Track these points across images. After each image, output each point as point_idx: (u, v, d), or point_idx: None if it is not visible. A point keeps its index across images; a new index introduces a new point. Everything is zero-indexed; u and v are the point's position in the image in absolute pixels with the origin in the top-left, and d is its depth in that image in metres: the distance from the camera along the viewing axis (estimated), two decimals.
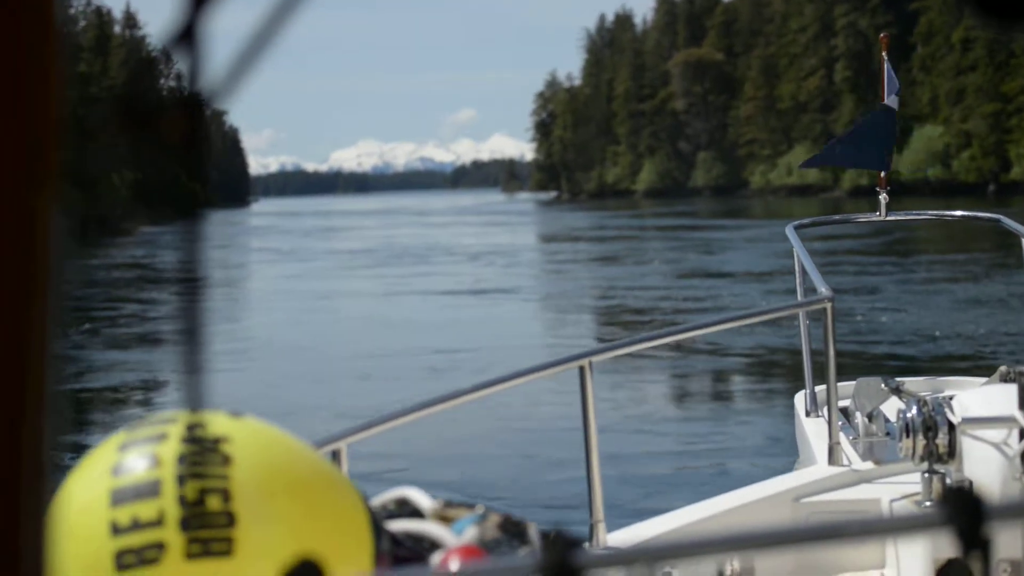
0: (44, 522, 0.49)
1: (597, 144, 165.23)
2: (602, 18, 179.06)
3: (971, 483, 3.82)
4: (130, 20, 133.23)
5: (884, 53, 6.26)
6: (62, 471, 1.12)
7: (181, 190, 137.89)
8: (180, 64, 0.60)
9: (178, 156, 0.61)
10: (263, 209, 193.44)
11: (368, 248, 54.70)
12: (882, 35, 6.60)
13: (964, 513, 0.87)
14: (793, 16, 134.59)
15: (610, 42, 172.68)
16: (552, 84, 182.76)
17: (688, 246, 46.28)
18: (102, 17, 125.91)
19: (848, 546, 3.65)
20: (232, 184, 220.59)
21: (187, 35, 0.59)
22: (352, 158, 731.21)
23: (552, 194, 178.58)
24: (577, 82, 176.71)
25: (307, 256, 50.61)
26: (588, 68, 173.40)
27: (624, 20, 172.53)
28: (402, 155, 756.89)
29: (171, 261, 48.16)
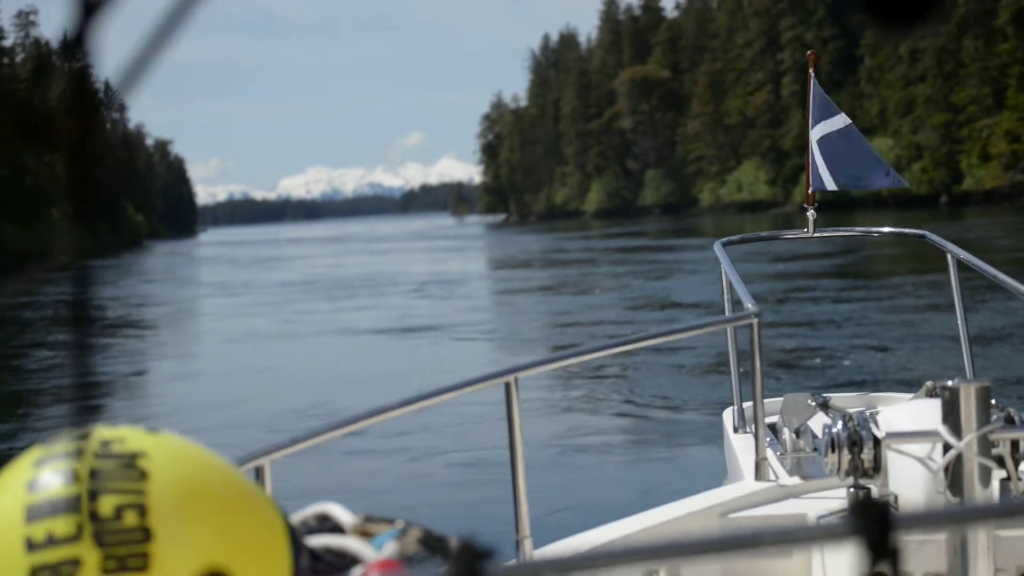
0: None
1: (545, 165, 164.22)
2: (546, 38, 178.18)
3: (896, 497, 3.87)
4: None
5: (811, 70, 6.16)
6: None
7: (125, 223, 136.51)
8: (71, 71, 0.60)
9: (72, 161, 0.61)
10: (211, 239, 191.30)
11: (312, 279, 52.87)
12: (809, 52, 6.40)
13: (872, 523, 0.89)
14: (738, 31, 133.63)
15: (555, 62, 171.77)
16: (498, 106, 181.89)
17: (638, 272, 44.40)
18: None
19: (773, 559, 4.25)
20: (179, 214, 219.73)
21: (78, 43, 0.59)
22: (301, 185, 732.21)
23: (501, 216, 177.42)
24: (523, 103, 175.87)
25: (248, 289, 48.56)
26: (534, 88, 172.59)
27: (569, 39, 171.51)
28: (351, 181, 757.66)
29: (102, 296, 46.91)
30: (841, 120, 6.13)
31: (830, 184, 6.15)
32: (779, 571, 4.41)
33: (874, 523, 0.89)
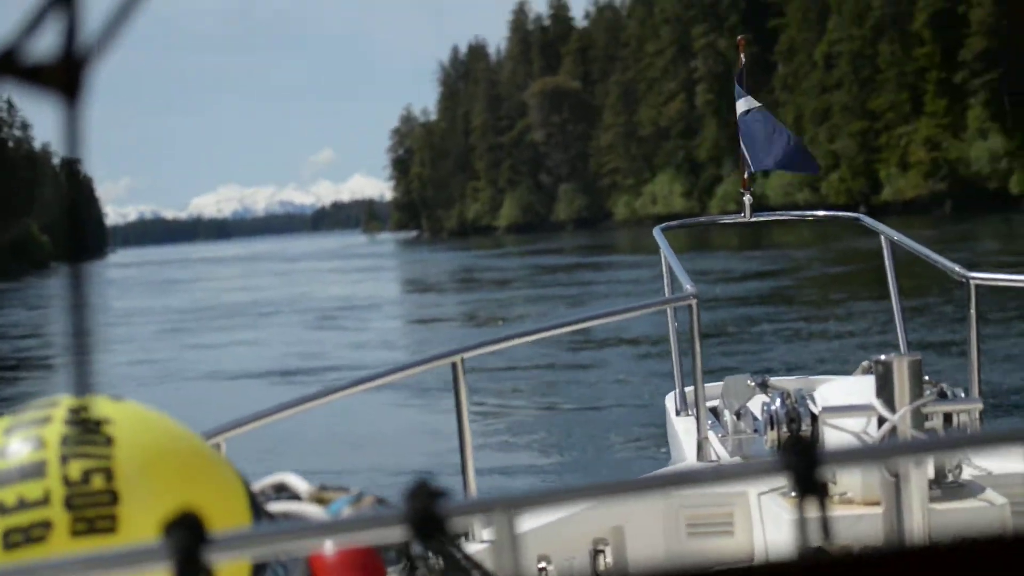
0: None
1: (456, 180, 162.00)
2: (455, 50, 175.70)
3: (834, 472, 3.76)
4: None
5: (741, 54, 6.76)
6: None
7: (28, 244, 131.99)
8: (59, 21, 0.62)
9: (62, 106, 0.63)
10: (120, 260, 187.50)
11: (214, 304, 50.05)
12: (739, 37, 7.12)
13: (800, 458, 0.93)
14: (649, 39, 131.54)
15: (464, 74, 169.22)
16: (408, 120, 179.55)
17: (553, 296, 41.61)
18: None
19: (718, 537, 4.64)
20: (88, 235, 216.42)
21: None
22: (212, 204, 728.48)
23: (413, 233, 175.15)
24: (433, 117, 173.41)
25: (145, 316, 45.85)
26: (443, 102, 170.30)
27: (477, 51, 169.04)
28: (262, 199, 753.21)
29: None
30: (753, 102, 6.53)
31: (764, 165, 6.55)
32: (723, 548, 4.57)
33: (802, 458, 0.93)
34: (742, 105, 6.57)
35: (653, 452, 12.14)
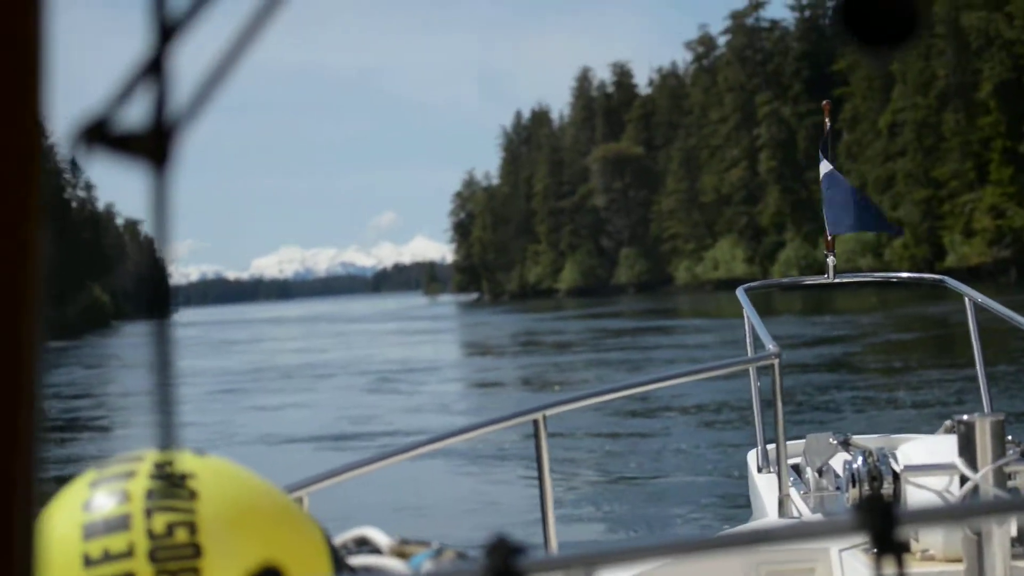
0: (34, 542, 0.52)
1: (517, 243, 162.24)
2: (518, 115, 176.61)
3: (916, 531, 3.64)
4: None
5: (827, 119, 6.78)
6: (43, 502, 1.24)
7: (90, 302, 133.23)
8: (149, 92, 0.65)
9: (151, 174, 0.65)
10: (183, 319, 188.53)
11: (274, 365, 50.31)
12: (825, 102, 6.97)
13: (877, 517, 0.93)
14: (712, 107, 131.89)
15: (527, 139, 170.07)
16: (470, 184, 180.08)
17: (615, 361, 41.48)
18: None
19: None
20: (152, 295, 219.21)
21: (156, 65, 0.64)
22: (273, 265, 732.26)
23: (473, 295, 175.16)
24: (495, 181, 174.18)
25: (203, 376, 45.70)
26: (506, 166, 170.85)
27: (541, 116, 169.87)
28: (323, 260, 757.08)
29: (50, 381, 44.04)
30: (827, 166, 6.78)
31: (845, 228, 6.63)
32: None
33: (880, 516, 0.93)
34: (824, 168, 6.72)
35: (734, 508, 12.17)
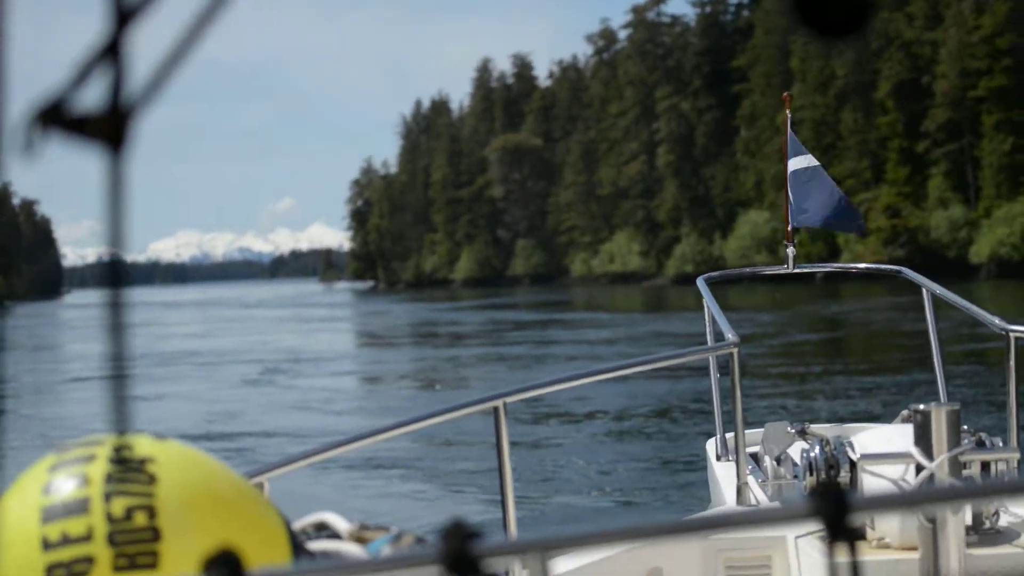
0: None
1: (414, 232, 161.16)
2: (418, 104, 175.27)
3: (872, 518, 3.92)
4: None
5: (788, 111, 6.83)
6: None
7: None
8: (106, 75, 0.64)
9: (106, 156, 0.65)
10: (76, 301, 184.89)
11: (164, 350, 48.27)
12: (785, 94, 7.02)
13: (831, 503, 0.94)
14: (612, 100, 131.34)
15: (426, 128, 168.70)
16: (368, 171, 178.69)
17: (511, 355, 40.27)
18: None
19: None
20: (44, 276, 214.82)
21: (112, 49, 0.63)
22: (171, 248, 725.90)
23: (369, 283, 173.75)
24: (393, 169, 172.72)
25: (85, 361, 44.04)
26: (404, 155, 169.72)
27: (440, 105, 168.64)
28: (221, 245, 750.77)
29: None
30: (811, 159, 6.63)
31: (808, 222, 6.68)
32: None
33: (833, 503, 0.93)
34: (800, 162, 6.63)
35: (692, 496, 12.35)
